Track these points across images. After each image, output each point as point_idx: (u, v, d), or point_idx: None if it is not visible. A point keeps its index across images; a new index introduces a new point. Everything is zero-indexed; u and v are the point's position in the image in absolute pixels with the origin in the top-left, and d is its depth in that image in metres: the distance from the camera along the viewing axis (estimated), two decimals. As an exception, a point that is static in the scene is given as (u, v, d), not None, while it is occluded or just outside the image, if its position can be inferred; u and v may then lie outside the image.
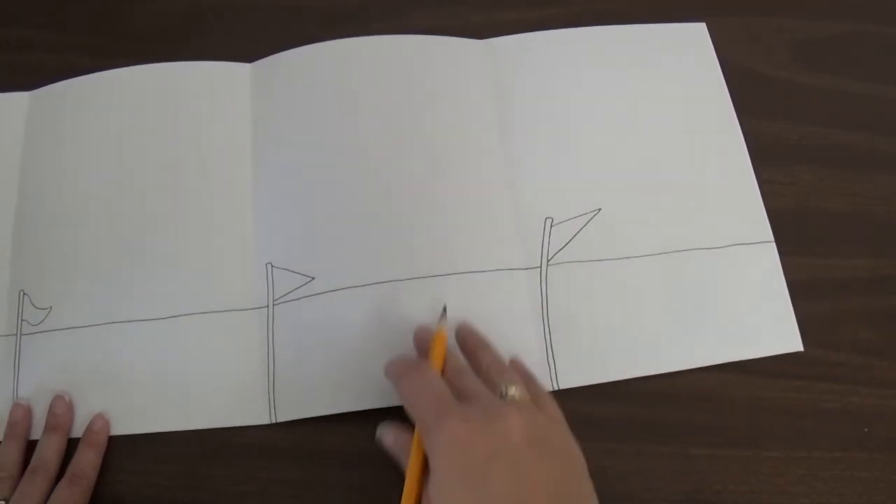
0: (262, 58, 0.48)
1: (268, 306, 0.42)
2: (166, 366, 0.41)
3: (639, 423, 0.40)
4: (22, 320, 0.43)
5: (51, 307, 0.43)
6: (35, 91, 0.48)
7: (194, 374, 0.41)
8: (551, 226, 0.43)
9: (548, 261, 0.43)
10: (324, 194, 0.44)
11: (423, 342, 0.39)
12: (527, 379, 0.38)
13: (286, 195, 0.44)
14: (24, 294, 0.43)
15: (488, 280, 0.42)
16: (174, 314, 0.42)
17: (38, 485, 0.38)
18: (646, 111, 0.47)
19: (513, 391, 0.34)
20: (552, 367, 0.41)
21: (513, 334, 0.41)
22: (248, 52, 0.48)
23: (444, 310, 0.39)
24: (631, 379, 0.41)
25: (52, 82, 0.48)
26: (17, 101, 0.48)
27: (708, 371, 0.41)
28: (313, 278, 0.42)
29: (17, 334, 0.43)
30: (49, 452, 0.39)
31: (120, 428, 0.41)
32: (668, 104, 0.47)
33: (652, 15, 0.50)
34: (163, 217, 0.44)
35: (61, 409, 0.40)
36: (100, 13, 0.52)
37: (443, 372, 0.36)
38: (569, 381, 0.41)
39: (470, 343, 0.39)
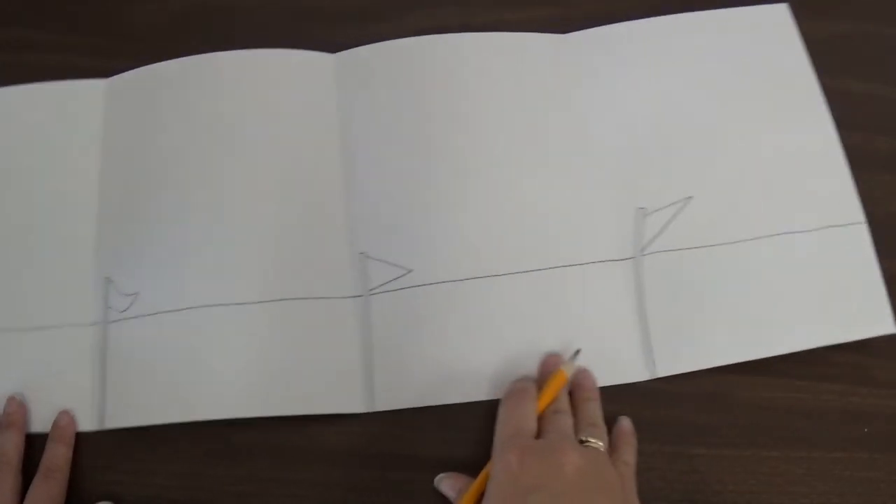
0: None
1: (363, 296, 0.42)
2: (258, 351, 0.41)
3: (639, 423, 0.40)
4: (108, 308, 0.42)
5: (137, 293, 0.42)
6: (112, 78, 0.48)
7: (287, 360, 0.40)
8: (644, 216, 0.44)
9: (642, 251, 0.43)
10: (418, 187, 0.44)
11: (546, 372, 0.40)
12: (625, 443, 0.38)
13: (380, 186, 0.44)
14: (110, 280, 0.43)
15: (583, 273, 0.43)
16: (264, 299, 0.41)
17: (1, 478, 0.38)
18: (729, 96, 0.47)
19: (592, 443, 0.35)
20: (652, 356, 0.41)
21: (609, 325, 0.42)
22: (248, 51, 0.48)
23: (576, 353, 0.40)
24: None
25: (52, 82, 0.48)
26: (93, 88, 0.47)
27: (708, 371, 0.41)
28: (411, 270, 0.42)
29: (103, 322, 0.42)
30: (6, 446, 0.39)
31: (212, 413, 0.39)
32: (753, 88, 0.47)
33: (652, 15, 0.50)
34: (248, 201, 0.44)
35: (13, 407, 0.40)
36: (100, 13, 0.52)
37: (545, 408, 0.37)
38: (670, 368, 0.41)
39: (580, 394, 0.39)
